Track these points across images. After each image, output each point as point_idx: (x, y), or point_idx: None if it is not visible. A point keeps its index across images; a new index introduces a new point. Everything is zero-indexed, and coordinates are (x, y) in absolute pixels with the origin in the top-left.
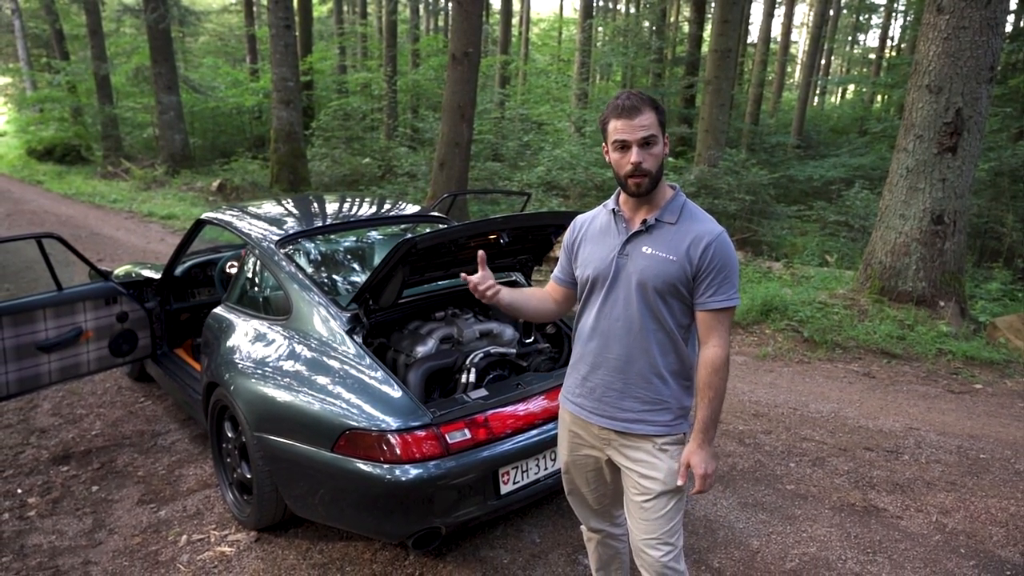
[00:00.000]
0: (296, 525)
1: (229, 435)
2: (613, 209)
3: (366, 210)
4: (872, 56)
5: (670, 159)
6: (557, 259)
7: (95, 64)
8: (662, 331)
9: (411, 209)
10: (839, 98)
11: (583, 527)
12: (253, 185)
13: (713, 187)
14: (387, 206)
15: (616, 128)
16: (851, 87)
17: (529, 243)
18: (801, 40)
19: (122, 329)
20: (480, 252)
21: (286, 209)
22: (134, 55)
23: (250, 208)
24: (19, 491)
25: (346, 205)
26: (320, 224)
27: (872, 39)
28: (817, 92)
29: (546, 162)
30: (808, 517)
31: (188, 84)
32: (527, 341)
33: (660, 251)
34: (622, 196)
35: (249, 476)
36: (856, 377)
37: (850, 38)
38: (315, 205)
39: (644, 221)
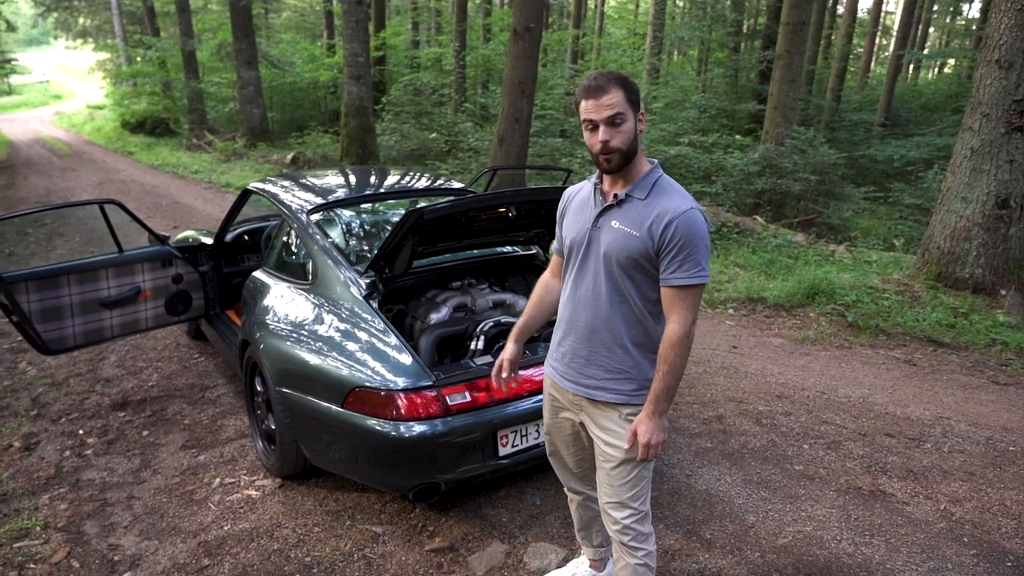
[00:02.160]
0: (316, 476)
1: (259, 389)
2: (595, 183)
3: (408, 184)
4: (974, 28)
5: (737, 137)
6: None
7: (182, 40)
8: (626, 304)
9: (456, 185)
10: (935, 73)
11: (566, 488)
12: (324, 158)
13: (777, 166)
14: (429, 182)
15: (585, 108)
16: (950, 61)
17: (542, 217)
18: (898, 11)
19: (177, 290)
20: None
21: (327, 180)
22: (219, 31)
23: (291, 179)
24: (80, 432)
25: (390, 179)
26: (350, 195)
27: (974, 9)
28: (911, 67)
29: None
30: (811, 498)
31: (267, 60)
32: None
33: (626, 226)
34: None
35: (274, 427)
36: (896, 364)
37: (951, 9)
38: (357, 177)
39: (616, 195)
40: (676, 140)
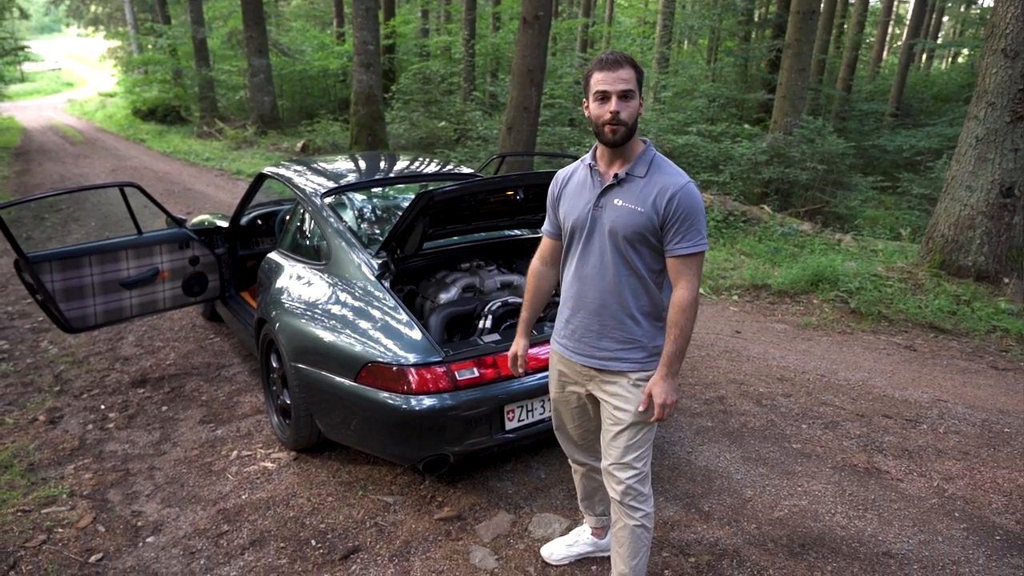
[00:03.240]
0: (330, 449)
1: (275, 365)
2: (590, 164)
3: (418, 169)
4: (989, 16)
5: (746, 126)
6: None
7: (193, 28)
8: (633, 276)
9: (466, 171)
10: (949, 63)
11: (570, 460)
12: (334, 146)
13: (786, 155)
14: (438, 167)
15: (598, 80)
16: (963, 51)
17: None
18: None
19: (194, 271)
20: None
21: (339, 165)
22: (230, 19)
23: (304, 164)
24: (102, 407)
25: (399, 164)
26: (362, 180)
27: None
28: (924, 56)
29: None
30: (807, 474)
31: (277, 48)
32: None
33: (629, 203)
34: (598, 151)
35: (289, 402)
36: (896, 349)
37: None
38: (367, 162)
39: (615, 175)
40: (684, 129)
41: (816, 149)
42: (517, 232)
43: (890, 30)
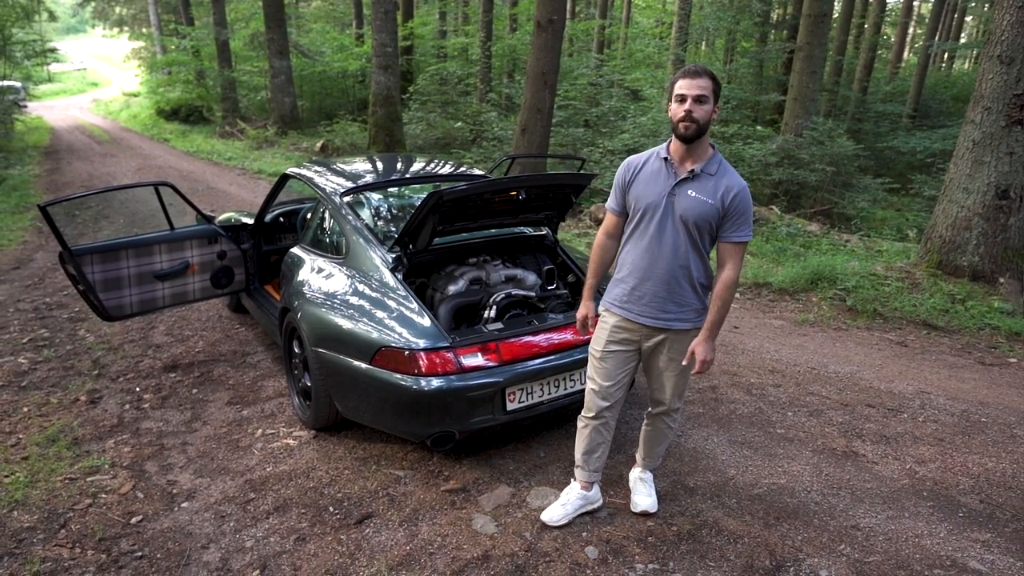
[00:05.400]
0: (347, 428)
1: (296, 351)
2: (665, 157)
3: (431, 170)
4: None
5: (758, 128)
6: (579, 215)
7: (216, 30)
8: (696, 253)
9: (477, 172)
10: (971, 64)
11: (587, 415)
12: (352, 146)
13: (795, 157)
14: (452, 168)
15: (680, 85)
16: None
17: (550, 200)
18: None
19: (221, 265)
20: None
21: (357, 166)
22: (252, 21)
23: (324, 165)
24: (137, 389)
25: (414, 165)
26: (378, 180)
27: None
28: (945, 57)
29: (631, 129)
30: (788, 456)
31: (298, 49)
32: (549, 287)
33: (702, 195)
34: (672, 146)
35: (309, 384)
36: (888, 345)
37: None
38: (384, 163)
39: (691, 170)
40: None
41: (825, 151)
42: (520, 229)
43: (912, 30)
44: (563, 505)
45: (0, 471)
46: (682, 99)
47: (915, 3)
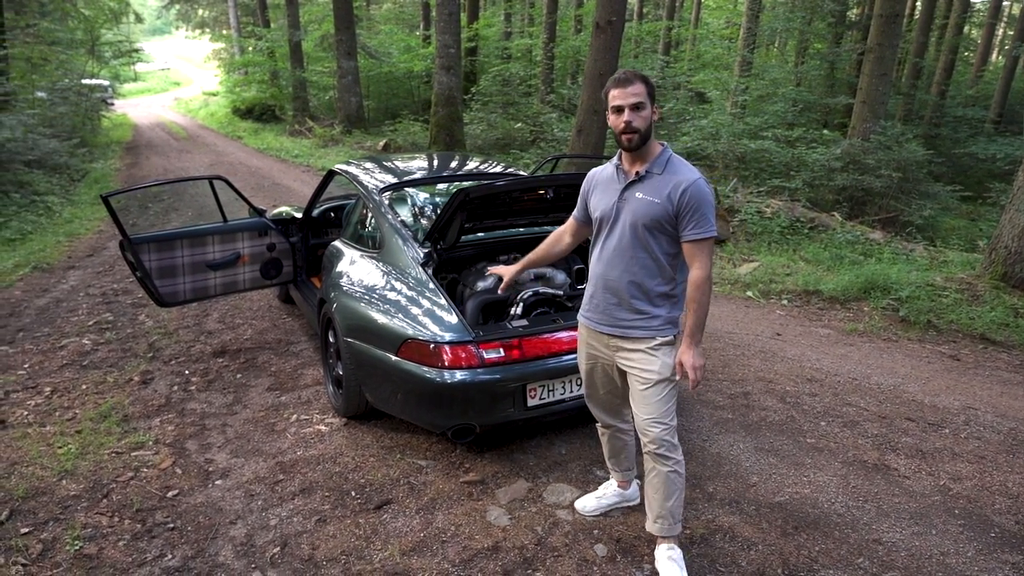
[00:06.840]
0: (376, 417)
1: (331, 341)
2: (616, 164)
3: (473, 169)
4: None
5: (825, 132)
6: None
7: (290, 31)
8: (649, 258)
9: (522, 173)
10: None
11: (598, 424)
12: (413, 145)
13: (861, 162)
14: (495, 168)
15: (614, 96)
16: None
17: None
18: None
19: (271, 257)
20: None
21: (399, 163)
22: (323, 23)
23: (370, 160)
24: (186, 372)
25: (455, 163)
26: (418, 177)
27: None
28: None
29: (692, 132)
30: (816, 466)
31: (365, 50)
32: (578, 287)
33: (648, 195)
34: (623, 154)
35: (342, 373)
36: (939, 358)
37: None
38: (428, 161)
39: (637, 173)
40: (759, 134)
41: (893, 156)
42: (551, 228)
43: (1000, 31)
44: (598, 497)
45: (55, 442)
46: (619, 110)
47: (1005, 3)
